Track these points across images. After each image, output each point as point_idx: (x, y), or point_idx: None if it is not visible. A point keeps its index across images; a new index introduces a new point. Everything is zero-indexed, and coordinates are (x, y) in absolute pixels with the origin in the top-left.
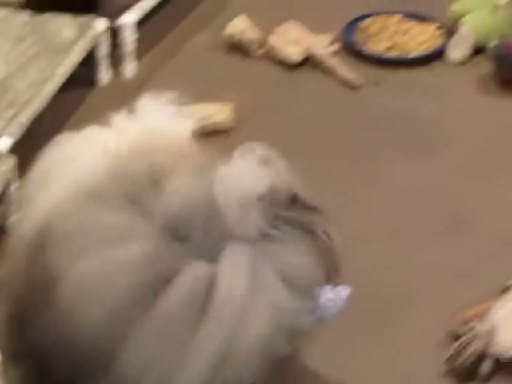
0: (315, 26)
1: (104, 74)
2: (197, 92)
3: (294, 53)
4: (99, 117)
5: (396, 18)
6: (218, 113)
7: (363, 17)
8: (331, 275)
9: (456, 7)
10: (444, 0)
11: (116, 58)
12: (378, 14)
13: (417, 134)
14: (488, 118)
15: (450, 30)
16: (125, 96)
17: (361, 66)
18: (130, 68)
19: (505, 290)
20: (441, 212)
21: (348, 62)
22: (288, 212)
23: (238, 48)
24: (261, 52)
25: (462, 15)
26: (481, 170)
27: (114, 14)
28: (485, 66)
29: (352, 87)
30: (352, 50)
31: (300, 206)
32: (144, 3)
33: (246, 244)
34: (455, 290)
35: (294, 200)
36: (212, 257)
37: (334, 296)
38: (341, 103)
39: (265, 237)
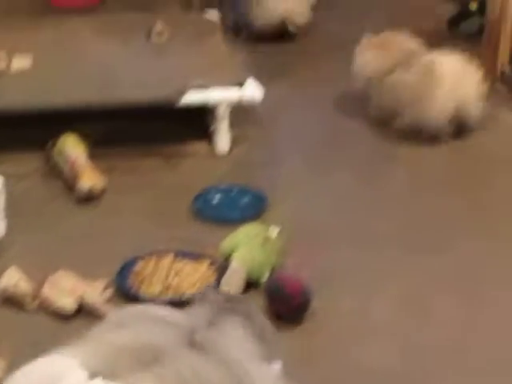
0: (88, 271)
1: None
2: None
3: (67, 303)
4: None
5: (168, 258)
6: None
7: (136, 259)
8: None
9: (226, 243)
10: (216, 235)
11: None
12: (150, 254)
13: None
14: None
15: (221, 266)
16: None
17: None
18: None
19: None
20: None
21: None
22: (226, 304)
23: (11, 301)
24: (35, 304)
25: (232, 250)
26: None
27: None
28: (258, 300)
29: None
30: (126, 295)
31: (233, 300)
32: None
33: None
34: None
35: (228, 299)
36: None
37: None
38: None
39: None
